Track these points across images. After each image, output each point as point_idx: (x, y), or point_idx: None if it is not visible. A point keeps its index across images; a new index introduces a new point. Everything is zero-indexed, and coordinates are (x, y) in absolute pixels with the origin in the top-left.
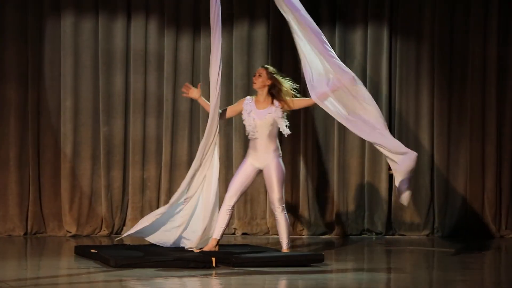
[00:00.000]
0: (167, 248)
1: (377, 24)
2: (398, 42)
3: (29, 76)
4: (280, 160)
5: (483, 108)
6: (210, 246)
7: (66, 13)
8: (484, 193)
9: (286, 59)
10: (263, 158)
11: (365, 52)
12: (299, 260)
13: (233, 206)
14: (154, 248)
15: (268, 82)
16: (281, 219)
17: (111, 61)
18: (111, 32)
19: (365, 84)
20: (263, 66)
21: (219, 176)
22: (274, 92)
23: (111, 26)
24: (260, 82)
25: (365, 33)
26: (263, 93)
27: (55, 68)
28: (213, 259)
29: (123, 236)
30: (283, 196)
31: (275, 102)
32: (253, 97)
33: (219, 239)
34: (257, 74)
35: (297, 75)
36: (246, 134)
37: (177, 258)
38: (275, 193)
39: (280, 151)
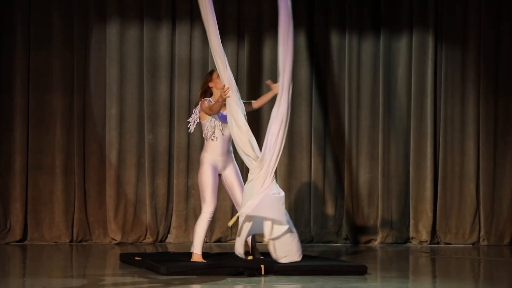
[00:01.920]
0: (213, 254)
1: (422, 32)
2: (443, 49)
3: (75, 84)
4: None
5: None
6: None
7: (112, 21)
8: None
9: (329, 66)
10: (224, 161)
11: (410, 59)
12: (342, 270)
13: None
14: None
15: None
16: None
17: (156, 69)
18: (156, 40)
19: (410, 92)
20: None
21: None
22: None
23: (156, 34)
24: (219, 83)
25: (410, 41)
26: (217, 95)
27: (100, 76)
28: (262, 266)
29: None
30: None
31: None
32: (208, 99)
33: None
34: (217, 75)
35: (341, 84)
36: (206, 136)
37: (227, 265)
38: (240, 196)
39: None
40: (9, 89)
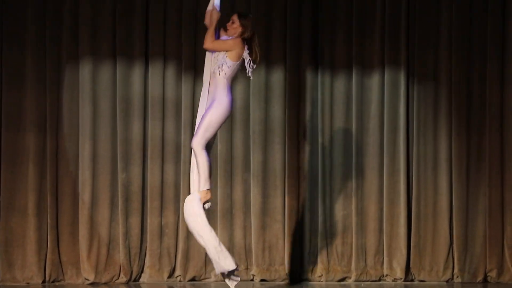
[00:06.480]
0: None
1: (393, 69)
2: (415, 87)
3: (48, 123)
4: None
5: (502, 154)
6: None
7: (84, 60)
8: (503, 239)
9: (303, 103)
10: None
11: (382, 97)
12: None
13: None
14: None
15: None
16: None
17: (129, 108)
18: (129, 79)
19: (382, 129)
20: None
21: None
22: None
23: (129, 73)
24: (234, 29)
25: (382, 78)
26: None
27: (73, 115)
28: None
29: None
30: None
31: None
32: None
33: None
34: (231, 22)
35: (315, 122)
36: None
37: None
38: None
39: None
40: None
